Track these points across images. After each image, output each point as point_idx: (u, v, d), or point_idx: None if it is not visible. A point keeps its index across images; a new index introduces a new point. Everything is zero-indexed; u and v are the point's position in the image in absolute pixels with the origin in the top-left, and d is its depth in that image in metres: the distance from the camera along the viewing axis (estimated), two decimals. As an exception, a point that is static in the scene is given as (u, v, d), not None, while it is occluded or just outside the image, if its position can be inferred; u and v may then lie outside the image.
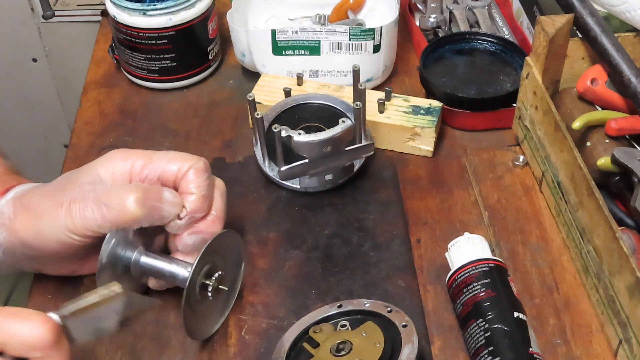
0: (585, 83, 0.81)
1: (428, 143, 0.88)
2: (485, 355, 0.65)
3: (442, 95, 0.90)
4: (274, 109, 0.87)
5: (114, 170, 0.69)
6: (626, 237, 0.72)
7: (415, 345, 0.63)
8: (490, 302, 0.68)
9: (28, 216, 0.68)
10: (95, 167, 0.70)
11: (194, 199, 0.69)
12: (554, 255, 0.78)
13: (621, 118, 0.79)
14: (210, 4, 0.96)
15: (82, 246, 0.68)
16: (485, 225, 0.81)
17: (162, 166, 0.70)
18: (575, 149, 0.74)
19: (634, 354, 0.66)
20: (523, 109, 0.86)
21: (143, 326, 0.73)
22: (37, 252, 0.69)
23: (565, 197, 0.77)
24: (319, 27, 0.92)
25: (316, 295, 0.74)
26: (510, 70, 0.94)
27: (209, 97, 0.98)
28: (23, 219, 0.68)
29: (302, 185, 0.83)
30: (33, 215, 0.68)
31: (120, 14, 0.93)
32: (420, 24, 1.03)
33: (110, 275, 0.68)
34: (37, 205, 0.68)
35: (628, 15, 0.81)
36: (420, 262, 0.78)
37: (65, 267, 0.74)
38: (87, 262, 0.73)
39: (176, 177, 0.70)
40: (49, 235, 0.67)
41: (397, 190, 0.84)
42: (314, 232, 0.80)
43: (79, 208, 0.66)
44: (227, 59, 1.04)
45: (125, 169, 0.70)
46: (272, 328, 0.72)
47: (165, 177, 0.70)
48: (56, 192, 0.69)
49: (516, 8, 1.03)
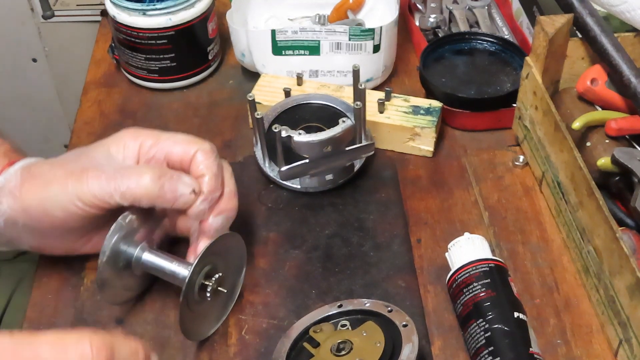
0: (585, 83, 0.81)
1: (428, 143, 0.88)
2: (485, 355, 0.65)
3: (442, 95, 0.90)
4: (274, 109, 0.87)
5: (125, 148, 0.71)
6: (626, 237, 0.72)
7: (416, 345, 0.63)
8: (490, 302, 0.68)
9: (36, 183, 0.69)
10: (107, 143, 0.71)
11: (208, 179, 0.70)
12: (554, 255, 0.78)
13: (621, 118, 0.79)
14: (210, 4, 0.96)
15: (86, 218, 0.69)
16: (486, 225, 0.81)
17: (168, 147, 0.71)
18: (575, 149, 0.74)
19: (634, 354, 0.66)
20: (523, 109, 0.86)
21: (143, 326, 0.73)
22: (39, 223, 0.69)
23: (565, 197, 0.77)
24: (319, 27, 0.92)
25: (316, 295, 0.74)
26: (510, 70, 0.94)
27: (209, 97, 0.98)
28: (30, 186, 0.69)
29: (302, 185, 0.83)
30: (41, 182, 0.68)
31: (120, 14, 0.93)
32: (420, 24, 1.03)
33: (111, 269, 0.68)
34: (46, 173, 0.69)
35: (628, 15, 0.81)
36: (420, 262, 0.78)
37: (65, 244, 0.73)
38: (88, 242, 0.73)
39: (182, 160, 0.71)
40: (55, 203, 0.68)
41: (397, 190, 0.84)
42: (314, 232, 0.80)
43: (93, 176, 0.67)
44: (227, 59, 1.04)
45: (135, 148, 0.71)
46: (272, 328, 0.72)
47: (172, 159, 0.71)
48: (67, 162, 0.70)
49: (516, 8, 1.03)
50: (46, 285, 0.76)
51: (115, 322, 0.73)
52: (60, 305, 0.75)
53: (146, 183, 0.67)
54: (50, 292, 0.76)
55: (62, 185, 0.67)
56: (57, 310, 0.74)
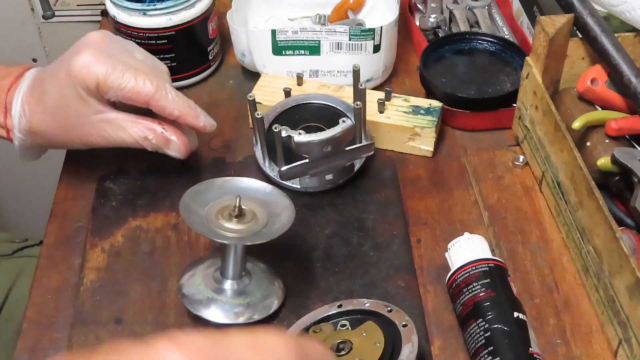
0: (585, 83, 0.81)
1: (428, 143, 0.88)
2: (485, 355, 0.65)
3: (442, 95, 0.90)
4: (274, 109, 0.87)
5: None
6: (626, 237, 0.72)
7: (415, 344, 0.63)
8: (490, 302, 0.68)
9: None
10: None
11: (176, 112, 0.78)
12: (554, 255, 0.78)
13: (621, 118, 0.79)
14: (210, 4, 0.96)
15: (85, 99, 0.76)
16: (485, 225, 0.81)
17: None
18: (575, 149, 0.74)
19: (634, 354, 0.66)
20: (523, 109, 0.86)
21: (143, 326, 0.73)
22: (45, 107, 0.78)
23: (565, 197, 0.77)
24: (319, 27, 0.92)
25: (316, 295, 0.74)
26: (510, 70, 0.94)
27: (209, 97, 0.98)
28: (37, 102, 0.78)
29: (302, 185, 0.84)
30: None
31: (120, 14, 0.93)
32: (420, 24, 1.03)
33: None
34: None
35: (628, 15, 0.81)
36: (420, 262, 0.78)
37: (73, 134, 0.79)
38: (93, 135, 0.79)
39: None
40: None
41: (397, 190, 0.84)
42: (314, 232, 0.80)
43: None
44: (227, 59, 1.03)
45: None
46: (272, 328, 0.72)
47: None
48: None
49: (516, 8, 1.03)
50: (46, 285, 0.76)
51: (115, 322, 0.73)
52: (60, 305, 0.75)
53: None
54: (50, 292, 0.76)
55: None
56: (57, 310, 0.74)
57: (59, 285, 0.76)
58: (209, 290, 0.71)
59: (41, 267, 0.78)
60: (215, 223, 0.70)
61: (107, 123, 0.78)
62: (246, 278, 0.72)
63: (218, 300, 0.70)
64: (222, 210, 0.71)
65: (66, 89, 0.76)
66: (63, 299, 0.75)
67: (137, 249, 0.79)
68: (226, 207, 0.71)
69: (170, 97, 0.77)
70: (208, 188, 0.73)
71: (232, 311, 0.70)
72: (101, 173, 0.86)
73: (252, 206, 0.72)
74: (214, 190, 0.73)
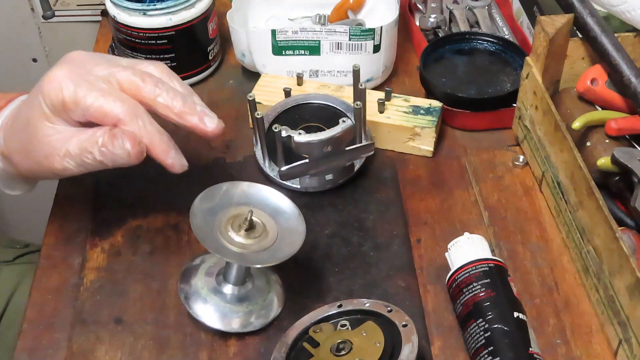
0: (585, 83, 0.81)
1: (428, 143, 0.88)
2: (485, 355, 0.65)
3: (442, 95, 0.90)
4: (274, 109, 0.87)
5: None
6: (626, 237, 0.72)
7: (415, 344, 0.63)
8: (490, 302, 0.68)
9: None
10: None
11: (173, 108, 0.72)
12: (554, 255, 0.78)
13: (621, 118, 0.79)
14: (210, 4, 0.96)
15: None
16: (485, 225, 0.81)
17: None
18: (575, 149, 0.74)
19: (633, 354, 0.66)
20: (523, 109, 0.86)
21: (143, 326, 0.73)
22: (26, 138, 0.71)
23: (565, 197, 0.77)
24: (319, 27, 0.92)
25: (316, 295, 0.74)
26: (510, 70, 0.94)
27: (209, 97, 0.98)
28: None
29: (302, 185, 0.84)
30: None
31: (120, 14, 0.93)
32: (420, 24, 1.03)
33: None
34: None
35: (628, 15, 0.81)
36: (420, 262, 0.78)
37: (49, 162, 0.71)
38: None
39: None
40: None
41: (397, 190, 0.84)
42: (314, 232, 0.80)
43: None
44: (227, 59, 1.04)
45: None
46: (272, 328, 0.72)
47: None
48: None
49: (516, 8, 1.03)
50: (46, 285, 0.76)
51: (115, 321, 0.73)
52: (60, 305, 0.75)
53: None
54: (50, 292, 0.76)
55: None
56: (57, 310, 0.74)
57: (59, 285, 0.76)
58: (210, 293, 0.71)
59: (41, 267, 0.78)
60: (223, 233, 0.69)
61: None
62: (249, 283, 0.72)
63: (218, 304, 0.70)
64: (233, 219, 0.70)
65: (34, 108, 0.69)
66: (63, 299, 0.75)
67: (137, 249, 0.79)
68: (238, 216, 0.70)
69: (141, 123, 0.69)
70: (227, 192, 0.72)
71: (232, 317, 0.70)
72: (101, 173, 0.86)
73: (265, 219, 0.71)
74: (233, 195, 0.72)
